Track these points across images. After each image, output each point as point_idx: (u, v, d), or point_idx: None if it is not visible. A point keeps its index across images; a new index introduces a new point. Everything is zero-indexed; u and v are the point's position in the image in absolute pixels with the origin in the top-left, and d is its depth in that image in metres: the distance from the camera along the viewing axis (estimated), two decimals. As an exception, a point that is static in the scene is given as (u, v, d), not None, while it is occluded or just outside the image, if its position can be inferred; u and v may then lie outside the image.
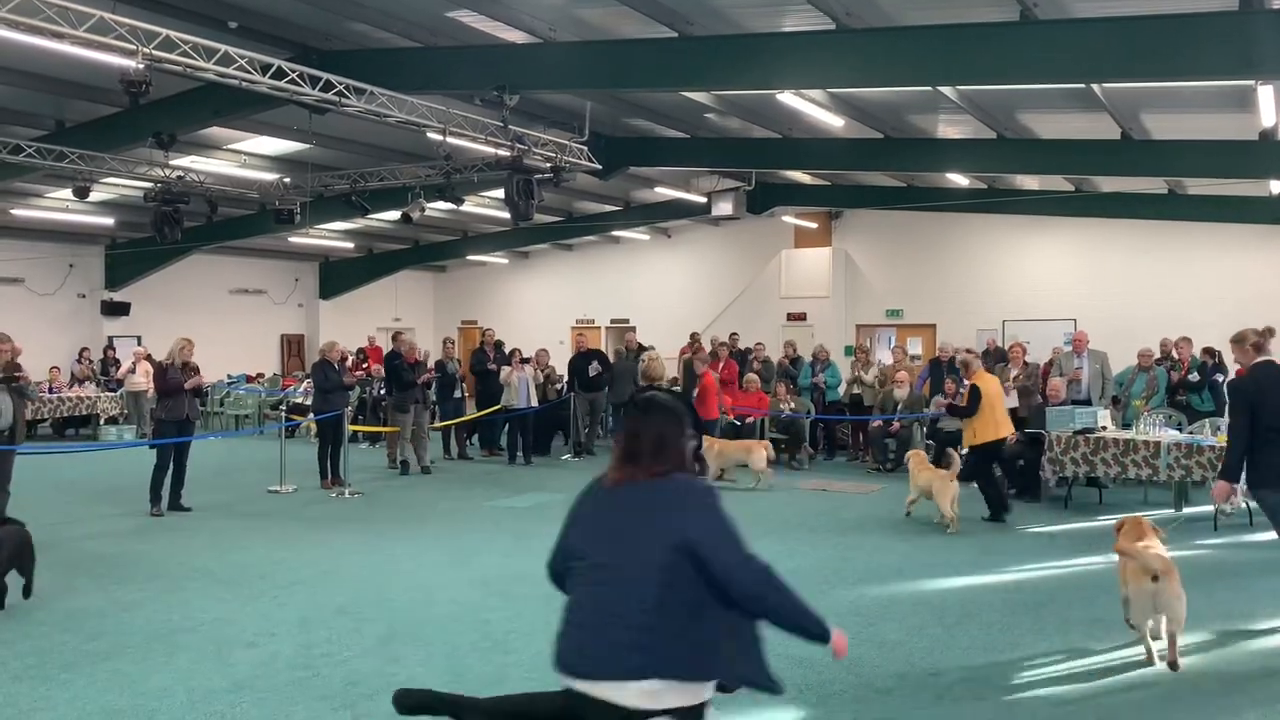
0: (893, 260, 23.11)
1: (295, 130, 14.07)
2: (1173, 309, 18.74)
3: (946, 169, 16.88)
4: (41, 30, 8.29)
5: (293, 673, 5.56)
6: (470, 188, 16.78)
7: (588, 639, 2.81)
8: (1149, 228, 19.72)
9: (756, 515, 10.57)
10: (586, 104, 13.71)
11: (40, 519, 10.03)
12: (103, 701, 5.14)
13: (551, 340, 22.76)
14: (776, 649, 5.91)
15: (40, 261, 21.78)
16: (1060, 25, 9.57)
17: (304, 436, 16.74)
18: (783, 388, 15.20)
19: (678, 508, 2.91)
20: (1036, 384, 13.09)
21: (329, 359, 12.84)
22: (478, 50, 11.53)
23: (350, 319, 26.99)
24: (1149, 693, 5.29)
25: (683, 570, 2.80)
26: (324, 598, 7.18)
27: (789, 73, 10.86)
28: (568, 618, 2.94)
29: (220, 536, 9.46)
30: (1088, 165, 15.52)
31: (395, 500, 11.64)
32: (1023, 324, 20.40)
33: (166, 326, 21.10)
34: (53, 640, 6.19)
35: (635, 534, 2.87)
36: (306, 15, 10.87)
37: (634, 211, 23.13)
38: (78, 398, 18.16)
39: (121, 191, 18.00)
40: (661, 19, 10.41)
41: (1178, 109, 12.75)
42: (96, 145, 14.12)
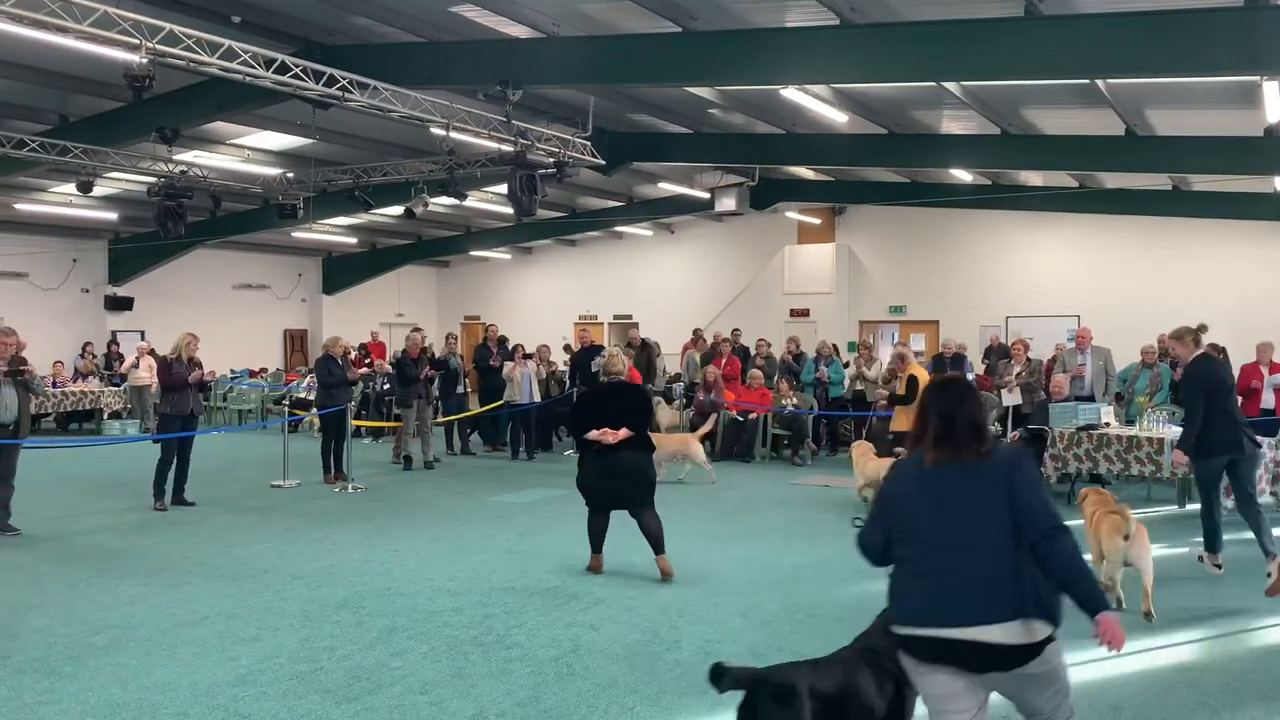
0: (896, 256, 23.09)
1: (299, 125, 14.08)
2: (1176, 305, 18.66)
3: (950, 165, 16.86)
4: (45, 24, 8.30)
5: (295, 667, 5.57)
6: (473, 183, 16.80)
7: (960, 594, 3.23)
8: (1153, 224, 19.71)
9: (758, 512, 10.57)
10: (590, 99, 13.70)
11: (44, 513, 10.10)
12: (106, 695, 5.15)
13: (554, 336, 22.78)
14: (783, 647, 5.92)
15: (44, 256, 21.81)
16: (1065, 20, 9.55)
17: (307, 431, 16.76)
18: (785, 384, 15.19)
19: (1005, 470, 3.33)
20: (1039, 380, 13.08)
21: (332, 354, 12.84)
22: (481, 45, 11.52)
23: (353, 314, 27.02)
24: (1151, 688, 5.29)
25: (1007, 526, 3.26)
26: (327, 592, 7.19)
27: (793, 68, 10.85)
28: (919, 582, 3.36)
29: (223, 531, 9.47)
30: (1092, 161, 15.51)
31: (398, 495, 11.65)
32: (1026, 320, 20.40)
33: (170, 321, 21.14)
34: (56, 634, 6.20)
35: (981, 504, 3.29)
36: (310, 10, 10.87)
37: (637, 207, 23.12)
38: (81, 392, 18.19)
39: (125, 186, 18.04)
40: (665, 14, 10.40)
41: (1182, 105, 12.72)
42: (100, 140, 14.13)
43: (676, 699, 5.11)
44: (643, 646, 5.93)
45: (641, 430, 7.67)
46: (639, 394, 8.26)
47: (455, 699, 5.09)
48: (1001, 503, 3.26)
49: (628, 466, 7.58)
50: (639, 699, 5.10)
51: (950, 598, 3.25)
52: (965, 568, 3.24)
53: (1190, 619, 6.54)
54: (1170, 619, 6.47)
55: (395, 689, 5.22)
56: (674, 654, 5.80)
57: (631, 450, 7.57)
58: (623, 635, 6.15)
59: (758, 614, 6.64)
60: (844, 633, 6.23)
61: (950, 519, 3.31)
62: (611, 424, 7.52)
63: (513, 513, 10.39)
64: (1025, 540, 3.21)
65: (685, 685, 5.29)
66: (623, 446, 7.52)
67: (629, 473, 7.59)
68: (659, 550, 7.60)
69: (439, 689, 5.22)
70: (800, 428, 14.59)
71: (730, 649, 5.88)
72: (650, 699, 5.11)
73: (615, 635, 6.15)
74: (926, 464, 3.41)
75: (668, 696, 5.14)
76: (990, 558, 3.23)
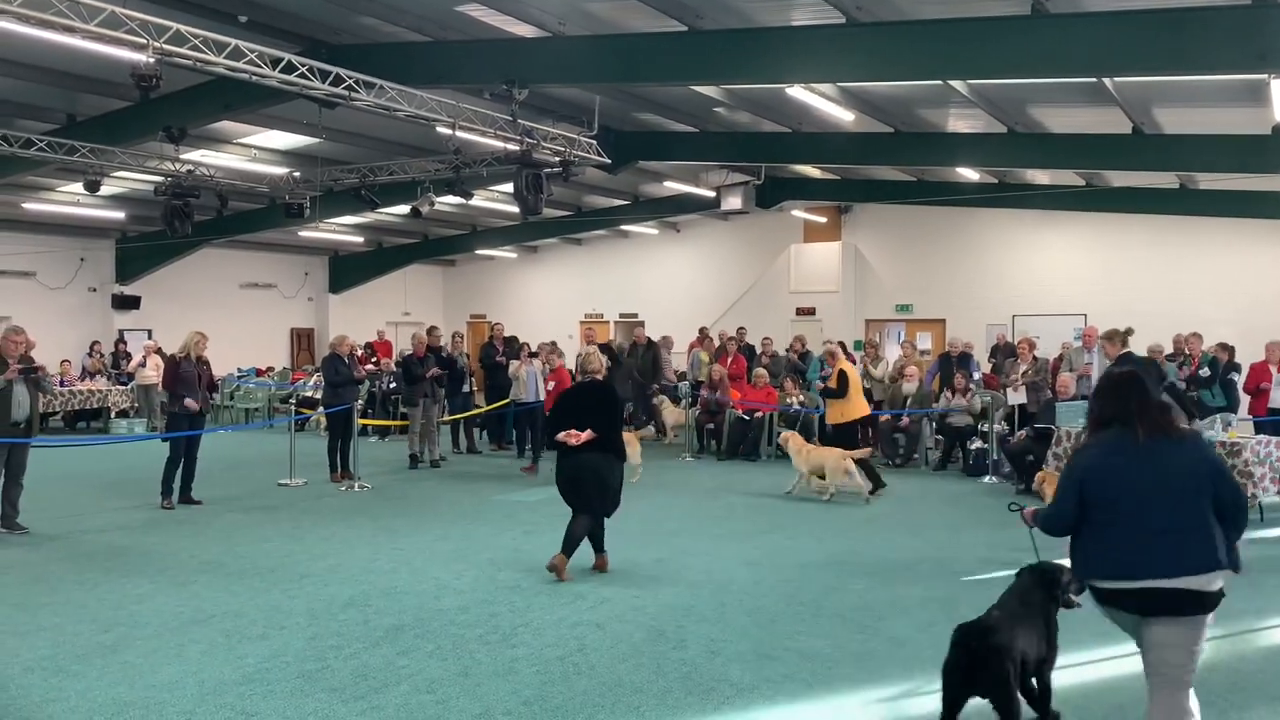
0: (902, 255, 23.05)
1: (305, 124, 14.09)
2: (1184, 304, 18.67)
3: (957, 163, 16.82)
4: (53, 24, 8.31)
5: (302, 665, 5.58)
6: (479, 182, 16.79)
7: (1175, 549, 3.82)
8: (1160, 223, 19.63)
9: (763, 511, 10.57)
10: (596, 98, 13.70)
11: (52, 511, 10.13)
12: (114, 693, 5.17)
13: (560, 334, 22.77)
14: (789, 646, 5.92)
15: (51, 255, 21.86)
16: (1072, 19, 9.53)
17: (314, 430, 16.79)
18: (791, 382, 15.18)
19: (1202, 450, 4.05)
20: (1045, 379, 13.07)
21: (339, 353, 12.87)
22: (487, 44, 11.52)
23: (360, 313, 27.04)
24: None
25: (1211, 493, 3.90)
26: (333, 591, 7.20)
27: (799, 67, 10.84)
28: (1128, 540, 3.89)
29: (230, 530, 9.50)
30: (1099, 160, 15.47)
31: (404, 494, 11.67)
32: (1032, 319, 20.35)
33: (177, 320, 21.23)
34: (64, 632, 6.23)
35: (1185, 473, 3.90)
36: (316, 9, 10.88)
37: (643, 206, 23.11)
38: (89, 391, 18.25)
39: (132, 185, 18.06)
40: (671, 13, 10.39)
41: (1190, 103, 12.68)
42: (107, 139, 14.15)
43: (682, 698, 5.11)
44: (648, 645, 5.94)
45: (606, 432, 7.51)
46: (608, 395, 7.98)
47: (461, 697, 5.10)
48: (1204, 474, 3.87)
49: (586, 469, 7.48)
50: (645, 698, 5.11)
51: (1161, 553, 3.82)
52: (1175, 528, 3.83)
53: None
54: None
55: (402, 688, 5.23)
56: (680, 653, 5.80)
57: (592, 453, 7.45)
58: (629, 634, 6.15)
59: (764, 613, 6.64)
60: (850, 631, 6.26)
61: (1163, 486, 3.88)
62: (579, 425, 7.43)
63: (518, 511, 10.40)
64: (1222, 508, 3.86)
65: (691, 684, 5.29)
66: (585, 449, 7.43)
67: (586, 476, 7.49)
68: (567, 549, 7.49)
69: (445, 688, 5.23)
70: (806, 427, 14.56)
71: (736, 648, 5.88)
72: (656, 697, 5.11)
73: (621, 634, 6.16)
74: (1140, 440, 3.95)
75: (674, 695, 5.15)
76: (1199, 516, 3.84)
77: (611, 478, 7.57)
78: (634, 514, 10.22)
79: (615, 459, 7.61)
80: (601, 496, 7.56)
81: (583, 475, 7.49)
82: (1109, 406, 4.11)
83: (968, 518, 10.18)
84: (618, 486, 7.67)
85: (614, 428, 7.64)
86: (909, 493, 11.71)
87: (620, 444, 7.66)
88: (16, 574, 7.75)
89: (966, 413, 13.54)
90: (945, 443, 13.82)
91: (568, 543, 7.50)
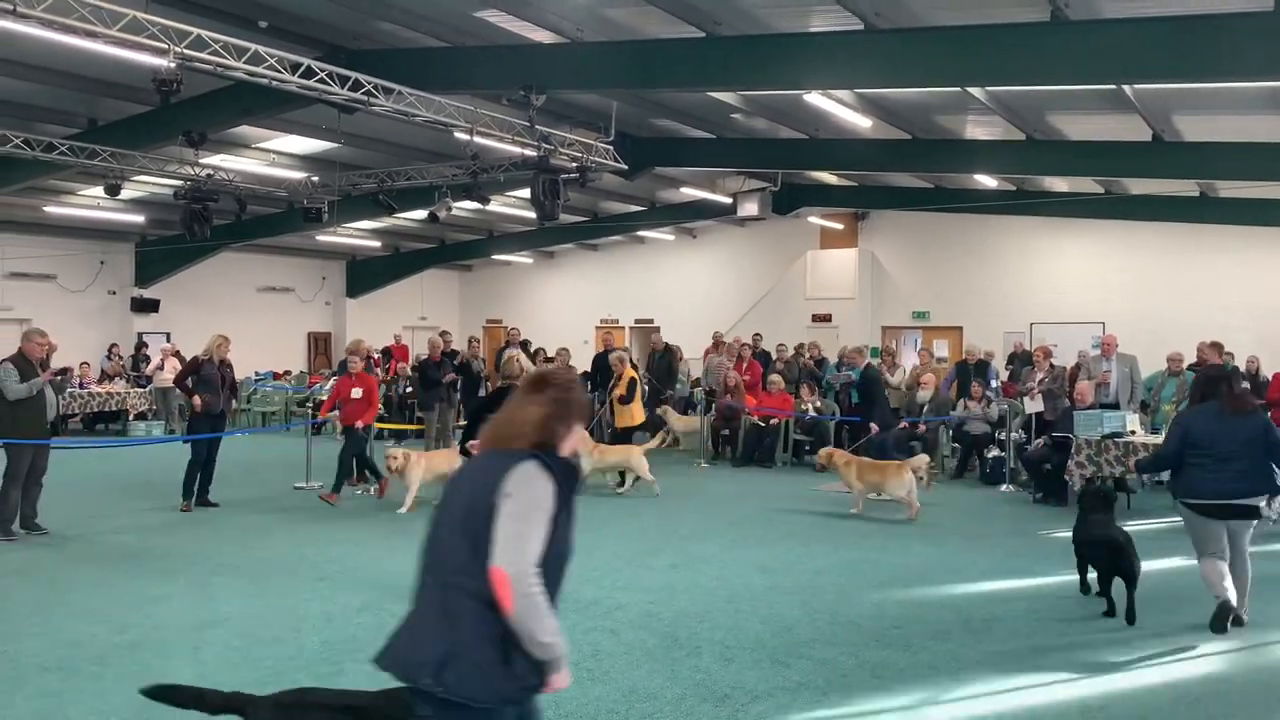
0: (919, 262, 22.98)
1: (324, 129, 14.16)
2: (1204, 313, 18.53)
3: (974, 170, 16.77)
4: (75, 29, 8.39)
5: (317, 668, 5.59)
6: (496, 187, 16.83)
7: (1244, 478, 6.21)
8: (1180, 231, 19.52)
9: (778, 517, 10.54)
10: (613, 104, 13.72)
11: (70, 513, 10.19)
12: (130, 695, 5.17)
13: (575, 340, 22.80)
14: (803, 653, 5.89)
15: (72, 258, 22.03)
16: (1092, 26, 9.48)
17: (330, 433, 16.84)
18: (807, 389, 15.14)
19: (1262, 422, 6.44)
20: (1062, 387, 12.98)
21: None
22: (505, 50, 11.55)
23: (377, 317, 27.13)
24: (1178, 701, 5.23)
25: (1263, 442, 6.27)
26: (349, 593, 7.22)
27: (817, 73, 10.83)
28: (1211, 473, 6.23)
29: (247, 532, 9.53)
30: (1118, 167, 15.39)
31: (420, 497, 11.67)
32: (1050, 327, 20.23)
33: (195, 323, 21.34)
34: (81, 632, 6.26)
35: (1250, 433, 6.26)
36: (336, 15, 10.94)
37: (659, 212, 23.12)
38: (108, 393, 18.36)
39: (152, 189, 18.19)
40: (689, 19, 10.40)
41: (1210, 110, 12.60)
42: (128, 143, 14.26)
43: (696, 705, 5.10)
44: (662, 652, 5.92)
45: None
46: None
47: (475, 702, 5.09)
48: (1260, 436, 6.24)
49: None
50: (659, 704, 5.09)
51: (1231, 482, 6.20)
52: (1247, 463, 6.19)
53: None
54: (1194, 630, 6.41)
55: (416, 692, 5.23)
56: (694, 660, 5.78)
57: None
58: (642, 640, 6.14)
59: (778, 620, 6.61)
60: (865, 639, 6.23)
61: (1232, 439, 6.21)
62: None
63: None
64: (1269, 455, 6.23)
65: (705, 691, 5.27)
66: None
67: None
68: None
69: (459, 692, 5.22)
70: (822, 433, 14.53)
71: (750, 655, 5.86)
72: (670, 704, 5.10)
73: (635, 640, 6.14)
74: (1226, 413, 6.31)
75: (687, 702, 5.13)
76: (1260, 458, 6.21)
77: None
78: (648, 520, 10.21)
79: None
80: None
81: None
82: (1209, 388, 6.51)
83: (984, 526, 10.12)
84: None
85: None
86: (925, 501, 11.64)
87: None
88: (35, 575, 7.80)
89: (984, 420, 13.47)
90: (962, 451, 13.75)
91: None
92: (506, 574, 2.76)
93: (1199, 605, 6.80)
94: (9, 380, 9.03)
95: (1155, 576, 8.00)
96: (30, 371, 9.19)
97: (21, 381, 9.06)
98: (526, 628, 2.80)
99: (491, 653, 2.81)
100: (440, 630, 2.88)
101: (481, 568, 2.80)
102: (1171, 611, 6.84)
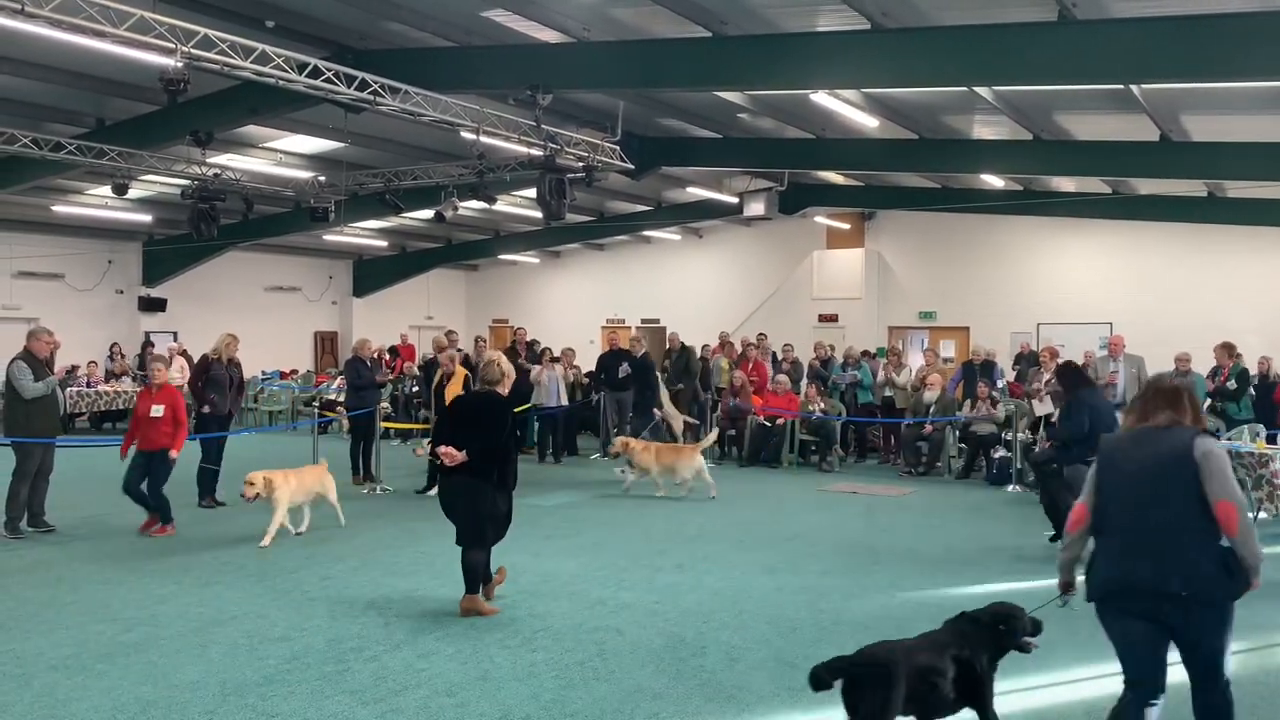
0: (926, 262, 22.95)
1: (330, 129, 14.19)
2: (1211, 314, 18.48)
3: (981, 170, 16.74)
4: (83, 29, 8.41)
5: (323, 667, 5.60)
6: (503, 187, 16.84)
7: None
8: (1188, 231, 19.46)
9: (784, 518, 10.53)
10: (619, 104, 13.72)
11: (77, 511, 10.21)
12: (137, 693, 5.20)
13: (581, 340, 22.79)
14: (809, 654, 5.89)
15: (80, 257, 22.10)
16: (1099, 25, 9.45)
17: (337, 433, 16.86)
18: (814, 389, 15.13)
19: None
20: (1070, 388, 12.93)
21: (362, 356, 12.94)
22: (512, 50, 11.56)
23: (383, 317, 27.19)
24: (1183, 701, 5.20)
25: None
26: (354, 593, 7.23)
27: (823, 73, 10.82)
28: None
29: (252, 531, 9.53)
30: (1125, 167, 15.35)
31: (426, 497, 11.69)
32: (1058, 327, 20.20)
33: (202, 322, 21.41)
34: (88, 631, 6.28)
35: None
36: (343, 15, 10.95)
37: (665, 211, 23.12)
38: (115, 392, 18.41)
39: (159, 189, 18.25)
40: (696, 19, 10.40)
41: (1219, 110, 12.57)
42: (135, 143, 14.31)
43: (702, 705, 5.10)
44: (668, 652, 5.92)
45: (489, 454, 6.53)
46: (496, 413, 6.74)
47: (481, 701, 5.10)
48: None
49: (455, 493, 6.65)
50: (664, 704, 5.09)
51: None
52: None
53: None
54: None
55: (421, 690, 5.24)
56: (699, 659, 5.78)
57: (468, 477, 6.53)
58: (648, 640, 6.14)
59: (784, 621, 6.61)
60: (872, 639, 6.19)
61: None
62: (461, 443, 6.51)
63: (539, 516, 10.39)
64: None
65: (711, 691, 5.27)
66: (460, 470, 6.53)
67: (456, 501, 6.67)
68: (468, 587, 6.70)
69: (465, 691, 5.24)
70: (828, 434, 14.52)
71: (756, 655, 5.86)
72: (675, 704, 5.09)
73: (641, 640, 6.14)
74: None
75: (694, 702, 5.13)
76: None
77: (482, 506, 6.57)
78: (654, 520, 10.21)
79: (486, 484, 6.54)
80: (470, 524, 6.64)
81: (454, 499, 6.68)
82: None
83: (990, 527, 10.10)
84: (490, 515, 6.62)
85: (490, 450, 6.55)
86: (932, 501, 11.64)
87: (502, 472, 6.59)
88: (42, 573, 7.82)
89: (990, 421, 13.44)
90: (968, 451, 13.73)
91: (468, 581, 6.71)
92: (1232, 505, 3.79)
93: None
94: (24, 379, 9.06)
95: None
96: (40, 370, 9.22)
97: (35, 380, 9.10)
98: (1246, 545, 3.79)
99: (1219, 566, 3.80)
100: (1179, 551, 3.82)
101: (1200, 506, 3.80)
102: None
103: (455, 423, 6.81)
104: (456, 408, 7.42)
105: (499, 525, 6.74)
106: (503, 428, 6.67)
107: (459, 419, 6.85)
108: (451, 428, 6.75)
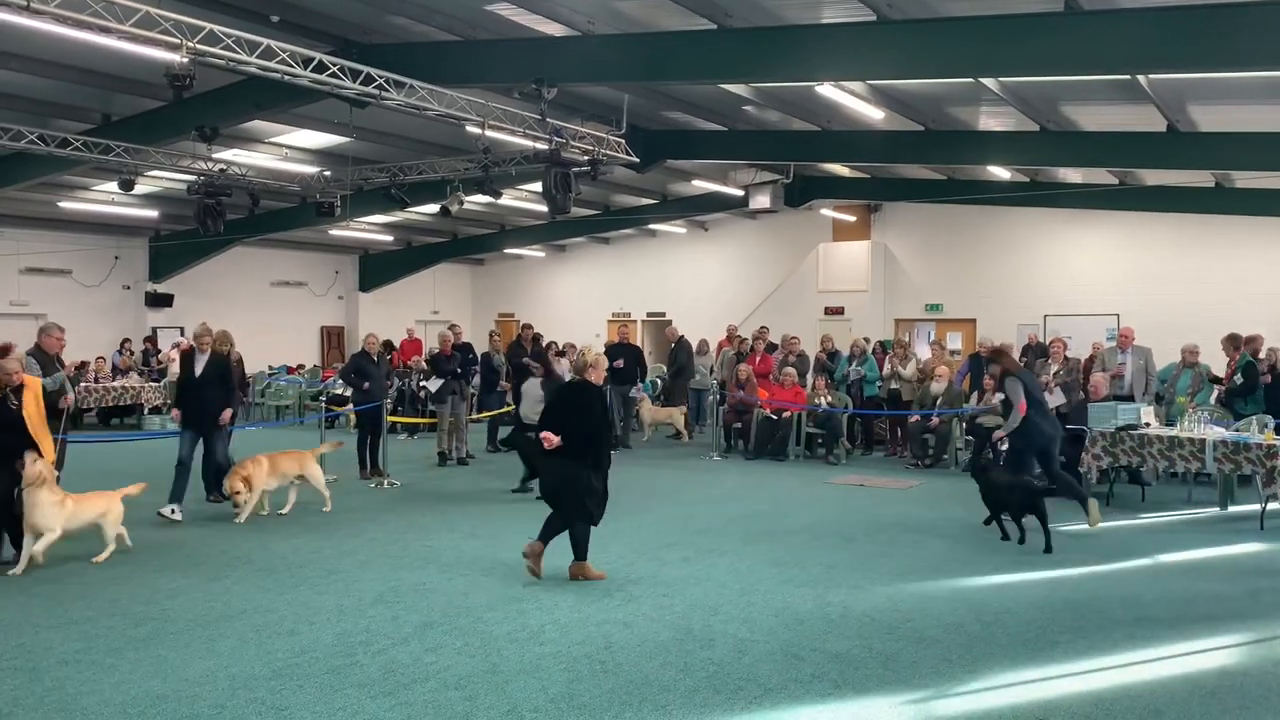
0: (932, 254, 22.91)
1: (336, 124, 14.19)
2: (1219, 305, 18.44)
3: (988, 162, 16.69)
4: (88, 25, 8.43)
5: (331, 661, 5.61)
6: (508, 181, 16.85)
7: None
8: (1195, 222, 19.40)
9: (791, 511, 10.53)
10: (624, 97, 13.70)
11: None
12: (146, 687, 5.22)
13: (588, 334, 22.79)
14: (816, 646, 5.89)
15: (86, 253, 22.16)
16: (1106, 15, 9.43)
17: (343, 427, 16.89)
18: (820, 382, 15.12)
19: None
20: (1077, 380, 12.92)
21: (367, 351, 12.96)
22: (516, 43, 11.56)
23: (389, 311, 27.23)
24: (1193, 693, 5.21)
25: None
26: (362, 587, 7.25)
27: (829, 65, 10.80)
28: None
29: (260, 525, 9.58)
30: (1132, 158, 15.30)
31: (433, 491, 11.72)
32: (1064, 319, 20.17)
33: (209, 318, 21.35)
34: (98, 625, 6.30)
35: None
36: (347, 9, 10.95)
37: (671, 205, 23.11)
38: (122, 388, 18.45)
39: (166, 184, 18.26)
40: (700, 11, 10.38)
41: (1226, 100, 12.52)
42: (141, 138, 14.33)
43: (710, 697, 5.10)
44: (676, 644, 5.93)
45: (584, 438, 7.25)
46: (589, 400, 7.45)
47: (489, 694, 5.11)
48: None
49: (557, 476, 7.40)
50: (672, 696, 5.10)
51: None
52: None
53: (1235, 620, 6.44)
54: (1209, 622, 6.38)
55: (430, 684, 5.25)
56: (707, 652, 5.79)
57: (566, 460, 7.27)
58: (656, 633, 6.15)
59: (791, 613, 6.61)
60: (878, 632, 6.22)
61: None
62: (560, 428, 7.26)
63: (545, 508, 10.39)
64: None
65: (719, 684, 5.28)
66: (559, 454, 7.28)
67: (559, 484, 7.40)
68: (577, 555, 7.45)
69: (473, 684, 5.25)
70: (834, 426, 14.51)
71: (763, 648, 5.86)
72: (683, 696, 5.10)
73: (648, 632, 6.15)
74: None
75: (701, 694, 5.13)
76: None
77: (579, 484, 7.25)
78: (661, 513, 10.22)
79: (584, 466, 7.24)
80: (574, 502, 7.33)
81: (556, 484, 7.45)
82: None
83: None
84: (588, 490, 7.29)
85: (585, 435, 7.27)
86: (938, 493, 11.63)
87: (596, 454, 7.30)
88: (50, 568, 7.84)
89: (996, 413, 13.40)
90: (975, 443, 13.69)
91: (576, 549, 7.46)
92: None
93: (1213, 599, 6.78)
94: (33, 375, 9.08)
95: (1170, 570, 7.98)
96: (51, 366, 9.24)
97: (45, 376, 9.12)
98: None
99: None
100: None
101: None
102: (1186, 603, 6.82)
103: (554, 410, 7.49)
104: (556, 397, 8.01)
105: (599, 501, 7.36)
106: (594, 413, 7.37)
107: (557, 407, 7.52)
108: (551, 415, 7.42)
